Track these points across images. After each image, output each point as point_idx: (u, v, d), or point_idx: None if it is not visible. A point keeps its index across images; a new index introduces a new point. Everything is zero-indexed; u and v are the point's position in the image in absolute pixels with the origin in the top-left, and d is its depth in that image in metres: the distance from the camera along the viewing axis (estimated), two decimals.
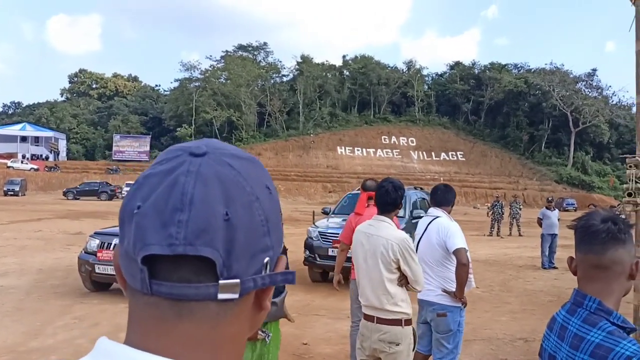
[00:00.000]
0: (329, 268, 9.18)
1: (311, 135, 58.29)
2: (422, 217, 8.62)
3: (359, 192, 10.65)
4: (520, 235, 20.63)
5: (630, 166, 4.62)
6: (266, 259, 0.57)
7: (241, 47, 68.23)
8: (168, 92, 69.10)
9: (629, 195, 4.62)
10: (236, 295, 0.54)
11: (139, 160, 55.85)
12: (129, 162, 55.39)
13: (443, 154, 57.12)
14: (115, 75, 78.36)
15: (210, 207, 0.53)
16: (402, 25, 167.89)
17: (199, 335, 0.55)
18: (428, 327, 4.23)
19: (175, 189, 0.54)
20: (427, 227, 4.21)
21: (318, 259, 9.43)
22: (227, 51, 67.08)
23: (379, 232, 3.29)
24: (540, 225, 12.95)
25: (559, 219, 12.90)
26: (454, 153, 57.13)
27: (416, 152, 57.80)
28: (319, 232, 9.62)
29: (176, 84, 65.85)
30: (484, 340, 6.46)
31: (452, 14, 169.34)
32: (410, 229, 8.43)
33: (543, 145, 56.26)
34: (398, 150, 57.87)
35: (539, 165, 54.16)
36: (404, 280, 3.25)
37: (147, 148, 59.27)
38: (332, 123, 61.11)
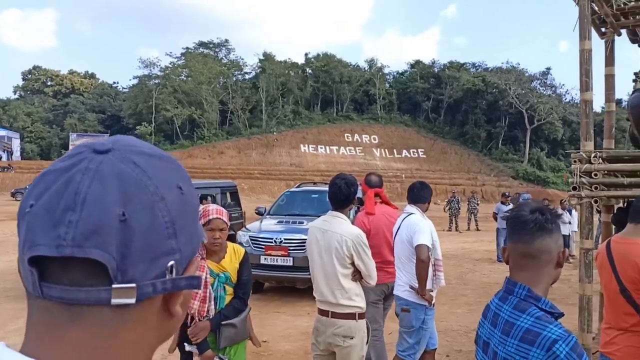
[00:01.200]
0: (262, 278, 8.34)
1: (274, 133, 58.07)
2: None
3: (298, 189, 10.40)
4: (477, 229, 21.22)
5: (575, 161, 4.84)
6: (170, 263, 0.54)
7: (202, 44, 67.33)
8: (127, 90, 67.50)
9: (574, 189, 4.86)
10: (132, 301, 0.52)
11: None
12: None
13: (405, 151, 57.89)
14: (71, 72, 76.13)
15: (104, 207, 0.51)
16: (364, 24, 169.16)
17: (93, 342, 0.52)
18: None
19: (70, 187, 0.51)
20: (400, 223, 4.30)
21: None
22: (187, 48, 66.14)
23: (333, 227, 3.39)
24: (496, 219, 13.32)
25: None
26: (415, 150, 57.99)
27: (378, 149, 58.37)
28: (249, 236, 8.54)
29: (135, 81, 64.47)
30: (440, 332, 6.66)
31: (413, 13, 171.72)
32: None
33: (500, 142, 57.77)
34: (361, 148, 58.31)
35: (496, 162, 55.60)
36: (357, 275, 3.36)
37: None
38: (295, 121, 61.02)
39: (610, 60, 5.94)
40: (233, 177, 42.28)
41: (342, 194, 3.39)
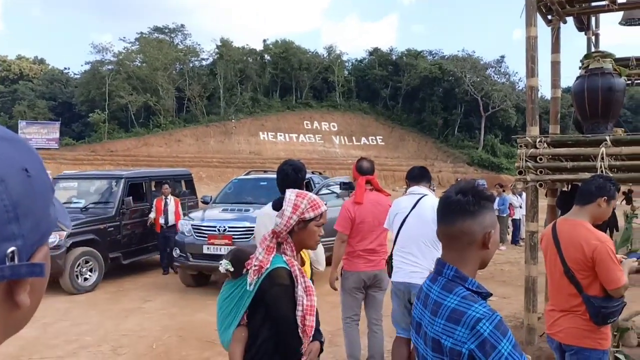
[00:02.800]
0: (206, 269, 8.08)
1: (233, 120, 57.32)
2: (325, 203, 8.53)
3: (246, 177, 10.26)
4: None
5: (521, 146, 4.96)
6: (11, 249, 0.51)
7: (157, 29, 65.39)
8: (79, 76, 65.12)
9: (520, 173, 4.98)
10: None
11: (48, 148, 52.46)
12: (38, 150, 51.76)
13: (363, 138, 58.25)
14: (20, 58, 72.82)
15: None
16: (323, 10, 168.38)
17: None
18: (409, 311, 4.00)
19: None
20: (415, 204, 3.96)
21: (191, 258, 8.01)
22: (142, 33, 64.07)
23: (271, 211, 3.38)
24: None
25: None
26: (373, 137, 58.42)
27: (338, 137, 58.51)
28: (192, 225, 8.23)
29: (87, 67, 62.15)
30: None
31: (372, 0, 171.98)
32: None
33: (456, 129, 58.89)
34: (320, 136, 58.31)
35: (452, 149, 56.68)
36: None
37: (57, 135, 55.68)
38: (254, 108, 60.35)
39: (556, 47, 6.09)
40: (191, 165, 41.60)
41: (290, 180, 3.37)
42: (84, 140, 56.26)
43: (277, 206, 2.36)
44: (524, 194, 13.85)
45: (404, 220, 3.96)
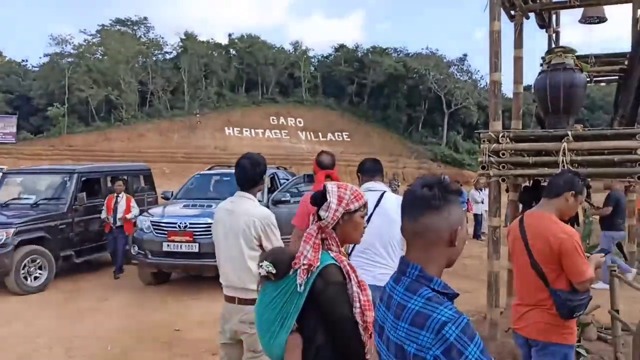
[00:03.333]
0: (166, 267, 7.92)
1: (197, 115, 56.48)
2: (289, 200, 8.28)
3: (209, 172, 10.02)
4: None
5: (484, 141, 4.94)
6: None
7: (119, 21, 63.77)
8: (37, 69, 63.01)
9: (483, 168, 4.95)
10: None
11: (5, 143, 50.72)
12: None
13: (330, 134, 58.29)
14: None
15: None
16: (290, 5, 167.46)
17: None
18: None
19: None
20: (378, 202, 3.67)
21: (150, 255, 7.76)
22: (103, 25, 62.44)
23: (240, 208, 3.23)
24: None
25: None
26: (339, 133, 58.53)
27: (304, 132, 58.38)
28: (151, 222, 7.96)
29: (46, 60, 60.22)
30: None
31: None
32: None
33: (420, 125, 59.63)
34: (286, 131, 58.07)
35: (416, 145, 57.31)
36: None
37: (14, 129, 53.81)
38: (219, 103, 59.62)
39: (519, 42, 6.11)
40: (154, 160, 40.79)
41: (247, 174, 3.23)
42: (42, 134, 54.54)
43: (316, 201, 2.18)
44: (486, 190, 14.11)
45: (367, 220, 3.79)
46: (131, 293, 7.99)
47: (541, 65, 5.41)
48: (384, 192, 3.75)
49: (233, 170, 10.31)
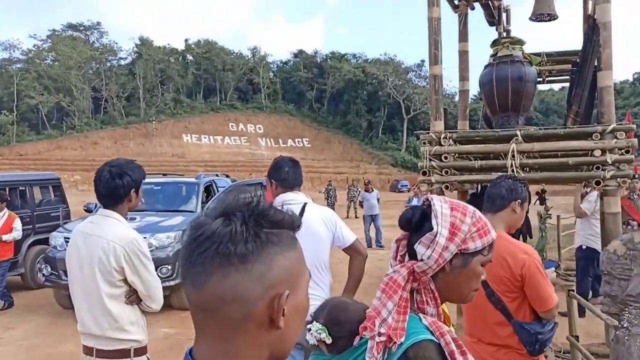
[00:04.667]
0: None
1: (154, 122, 55.01)
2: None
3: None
4: (356, 217, 21.26)
5: (424, 143, 4.34)
6: None
7: (71, 27, 62.03)
8: None
9: (424, 174, 4.35)
10: None
11: None
12: None
13: (290, 140, 57.73)
14: None
15: None
16: (248, 11, 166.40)
17: None
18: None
19: None
20: (300, 216, 2.98)
21: (64, 276, 6.59)
22: (54, 30, 60.51)
23: (100, 231, 2.44)
24: (362, 206, 13.84)
25: (378, 200, 13.87)
26: (300, 140, 58.04)
27: (264, 139, 57.64)
28: (64, 238, 6.87)
29: None
30: None
31: (297, 1, 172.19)
32: None
33: (380, 131, 59.72)
34: (246, 138, 57.19)
35: (377, 150, 57.34)
36: (134, 297, 2.48)
37: None
38: (176, 109, 58.30)
39: (463, 35, 5.58)
40: None
41: (108, 187, 2.44)
42: None
43: (409, 224, 1.30)
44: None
45: None
46: (43, 319, 7.06)
47: (492, 56, 4.87)
48: (305, 204, 3.01)
49: (162, 180, 9.39)
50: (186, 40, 64.99)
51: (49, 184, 9.48)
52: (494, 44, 4.66)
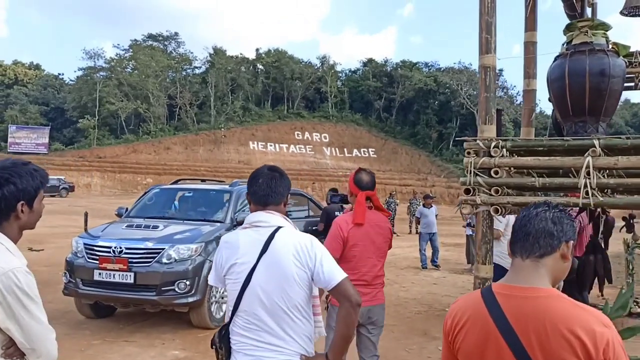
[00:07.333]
0: (102, 299, 6.40)
1: (223, 129, 56.18)
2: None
3: (171, 186, 8.50)
4: (417, 232, 20.09)
5: (468, 152, 3.39)
6: None
7: (151, 37, 64.84)
8: (73, 82, 64.48)
9: (467, 192, 3.42)
10: None
11: (37, 153, 51.80)
12: (26, 155, 50.80)
13: (355, 150, 56.94)
14: (16, 63, 72.42)
15: None
16: (321, 22, 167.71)
17: None
18: None
19: None
20: (267, 245, 2.22)
21: (81, 285, 6.33)
22: (135, 40, 63.43)
23: None
24: (419, 223, 12.74)
25: (436, 216, 12.61)
26: (365, 150, 57.09)
27: (329, 148, 57.22)
28: (84, 244, 6.50)
29: (80, 73, 61.59)
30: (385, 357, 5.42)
31: (370, 12, 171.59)
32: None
33: (451, 143, 57.52)
34: (311, 146, 57.04)
35: (446, 163, 55.20)
36: (12, 349, 1.77)
37: (46, 140, 55.02)
38: (244, 117, 59.32)
39: (531, 22, 4.55)
40: (178, 173, 40.49)
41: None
42: (73, 146, 55.43)
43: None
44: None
45: (249, 275, 2.18)
46: (60, 329, 6.68)
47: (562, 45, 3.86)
48: (278, 228, 2.23)
49: (195, 186, 8.78)
50: (257, 50, 66.13)
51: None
52: (568, 28, 3.64)
